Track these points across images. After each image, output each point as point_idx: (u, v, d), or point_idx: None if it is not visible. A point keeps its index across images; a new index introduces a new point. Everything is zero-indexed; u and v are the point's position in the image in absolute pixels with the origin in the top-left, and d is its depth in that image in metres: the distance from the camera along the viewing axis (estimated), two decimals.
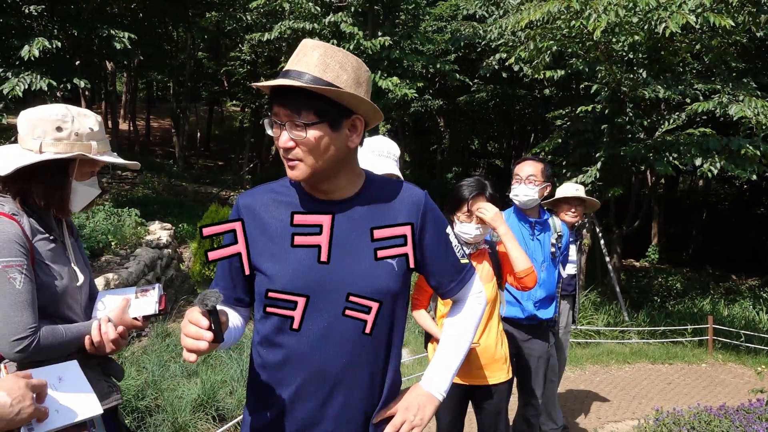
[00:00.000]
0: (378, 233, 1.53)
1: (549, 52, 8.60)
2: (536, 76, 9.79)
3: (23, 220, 1.82)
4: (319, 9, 11.34)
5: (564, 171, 10.23)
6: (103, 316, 1.90)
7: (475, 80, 15.03)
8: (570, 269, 4.63)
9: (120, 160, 2.00)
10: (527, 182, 3.47)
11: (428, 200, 1.63)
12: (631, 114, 9.59)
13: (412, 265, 1.58)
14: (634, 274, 17.13)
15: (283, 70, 1.46)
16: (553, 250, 3.57)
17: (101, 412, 1.55)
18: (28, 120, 1.85)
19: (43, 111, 1.87)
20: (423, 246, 1.60)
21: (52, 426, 1.42)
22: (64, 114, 1.87)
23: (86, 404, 1.53)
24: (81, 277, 1.96)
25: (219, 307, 1.64)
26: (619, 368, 7.09)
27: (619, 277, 11.78)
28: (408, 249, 1.56)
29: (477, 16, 13.58)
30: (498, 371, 2.90)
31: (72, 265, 1.95)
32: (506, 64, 10.45)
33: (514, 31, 10.06)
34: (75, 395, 1.51)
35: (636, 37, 8.04)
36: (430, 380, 1.65)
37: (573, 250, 4.65)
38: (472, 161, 24.87)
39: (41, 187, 1.85)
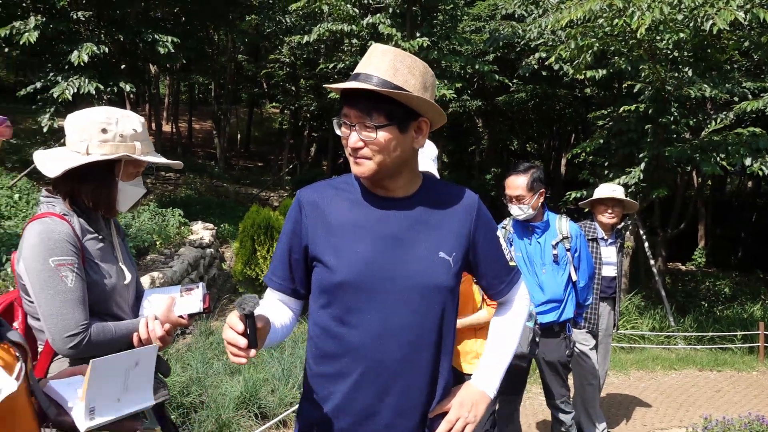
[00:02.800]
0: (435, 231, 1.59)
1: (591, 51, 8.45)
2: (577, 75, 9.64)
3: (73, 220, 1.87)
4: (357, 11, 11.39)
5: (606, 172, 10.06)
6: (150, 314, 1.94)
7: (514, 80, 14.88)
8: (609, 271, 4.54)
9: (163, 160, 2.04)
10: (516, 203, 3.42)
11: (481, 203, 1.68)
12: (676, 113, 9.35)
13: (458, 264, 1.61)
14: (679, 277, 16.71)
15: (354, 73, 1.52)
16: (555, 252, 3.51)
17: (153, 403, 1.58)
18: (75, 123, 1.90)
19: (89, 114, 1.92)
20: (476, 247, 1.65)
21: (115, 414, 1.45)
22: (109, 116, 1.92)
23: (145, 395, 1.56)
24: (128, 276, 2.01)
25: (271, 302, 1.68)
26: (665, 374, 6.92)
27: (664, 281, 11.50)
28: (463, 248, 1.61)
29: (516, 16, 13.42)
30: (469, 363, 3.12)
31: (120, 263, 2.00)
32: (546, 63, 10.30)
33: (554, 30, 9.94)
34: (140, 384, 1.54)
35: (681, 35, 7.84)
36: (482, 378, 1.68)
37: (612, 251, 4.56)
38: (510, 162, 24.65)
39: (89, 187, 1.91)
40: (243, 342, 1.30)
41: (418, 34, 11.35)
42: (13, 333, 1.24)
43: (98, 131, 1.89)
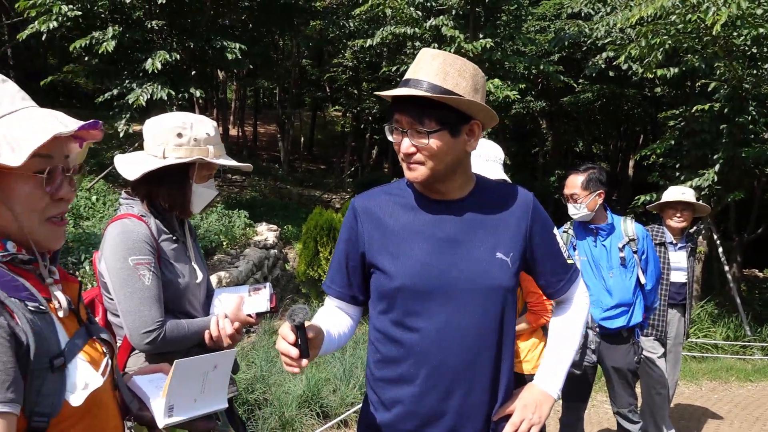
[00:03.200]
0: (491, 232, 1.58)
1: (662, 49, 8.14)
2: (647, 74, 9.31)
3: (150, 221, 1.95)
4: (420, 13, 11.40)
5: (678, 174, 9.67)
6: (220, 313, 2.01)
7: (580, 80, 14.53)
8: (679, 277, 4.38)
9: (235, 163, 2.12)
10: (571, 201, 3.39)
11: (536, 202, 1.67)
12: (754, 112, 8.89)
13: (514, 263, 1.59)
14: (757, 285, 15.85)
15: (404, 79, 1.52)
16: (622, 255, 3.40)
17: (226, 406, 1.63)
18: (152, 128, 2.00)
19: (165, 119, 2.01)
20: (533, 245, 1.63)
21: (191, 414, 1.50)
22: (184, 121, 2.00)
23: (219, 397, 1.61)
24: (200, 275, 2.09)
25: (330, 309, 1.70)
26: (740, 386, 6.59)
27: (740, 288, 10.94)
28: (520, 248, 1.60)
29: (582, 14, 13.10)
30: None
31: (192, 263, 2.08)
32: (614, 63, 10.00)
33: (623, 28, 9.64)
34: (215, 387, 1.59)
35: (761, 30, 7.45)
36: (545, 379, 1.66)
37: (682, 256, 4.39)
38: (576, 164, 24.06)
39: (166, 190, 1.99)
40: (295, 352, 1.33)
41: (481, 36, 11.24)
42: (102, 329, 1.30)
43: (174, 135, 1.97)
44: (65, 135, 1.10)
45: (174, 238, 2.02)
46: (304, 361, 1.35)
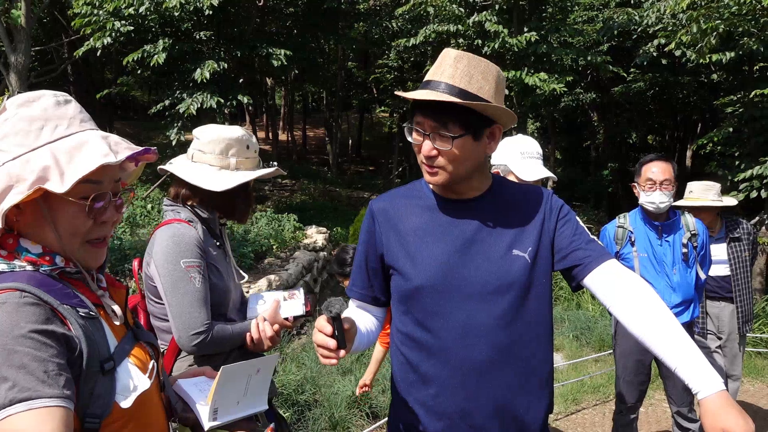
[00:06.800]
0: (508, 229, 1.55)
1: (715, 33, 7.83)
2: (701, 60, 8.96)
3: (198, 226, 2.01)
4: (463, 10, 11.32)
5: (737, 162, 9.28)
6: (259, 316, 2.05)
7: (631, 69, 14.13)
8: (720, 270, 4.21)
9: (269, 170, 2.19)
10: (662, 188, 3.22)
11: (551, 195, 1.63)
12: None
13: (531, 255, 1.55)
14: None
15: (426, 80, 1.49)
16: (685, 250, 3.28)
17: (267, 408, 1.66)
18: (221, 140, 2.01)
19: (231, 131, 2.04)
20: (553, 234, 1.58)
21: (233, 416, 1.54)
22: (245, 132, 2.06)
23: (261, 399, 1.65)
24: (238, 280, 2.15)
25: (354, 310, 1.72)
26: None
27: None
28: (539, 242, 1.55)
29: (631, 2, 12.76)
30: None
31: (232, 268, 2.13)
32: (666, 50, 9.68)
33: (674, 13, 9.32)
34: (257, 390, 1.63)
35: None
36: (703, 382, 1.36)
37: (722, 248, 4.23)
38: (630, 156, 23.37)
39: (238, 199, 2.06)
40: (332, 343, 1.34)
41: (525, 29, 11.08)
42: (148, 334, 1.35)
43: (244, 147, 2.04)
44: (113, 165, 1.13)
45: (218, 244, 2.07)
46: (342, 352, 1.35)
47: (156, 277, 1.93)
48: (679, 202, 4.10)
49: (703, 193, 4.12)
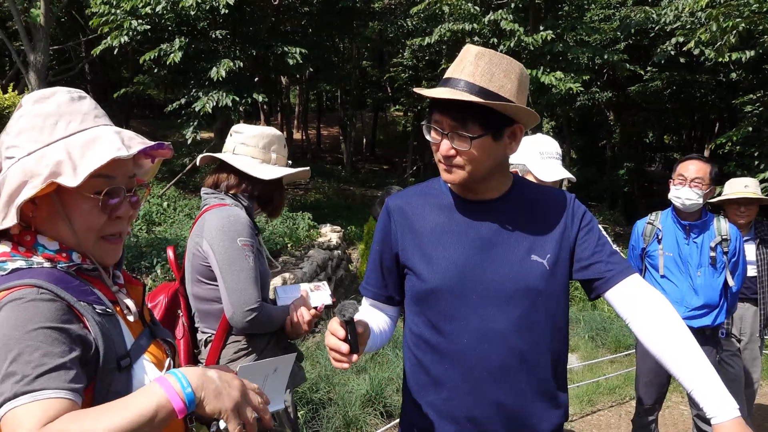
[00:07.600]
0: (527, 233, 1.50)
1: (735, 31, 7.73)
2: (720, 59, 8.86)
3: (243, 212, 2.08)
4: (478, 9, 11.27)
5: (756, 163, 9.18)
6: (293, 304, 2.09)
7: (648, 68, 13.99)
8: (749, 271, 4.15)
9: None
10: (692, 185, 3.18)
11: (575, 200, 1.58)
12: None
13: (550, 261, 1.51)
14: None
15: (446, 77, 1.45)
16: (713, 254, 3.23)
17: (283, 407, 1.66)
18: (265, 135, 2.15)
19: (271, 130, 2.20)
20: (575, 246, 1.53)
21: None
22: (279, 131, 2.22)
23: (277, 399, 1.64)
24: (269, 268, 2.20)
25: (367, 308, 1.70)
26: None
27: None
28: (560, 248, 1.51)
29: (649, 0, 12.63)
30: None
31: (264, 257, 2.16)
32: (684, 48, 9.58)
33: (693, 11, 9.23)
34: (275, 389, 1.62)
35: None
36: (718, 408, 1.39)
37: (751, 249, 4.16)
38: (646, 156, 23.14)
39: (277, 192, 2.19)
40: (345, 347, 1.31)
41: (541, 28, 11.01)
42: (164, 331, 1.35)
43: (282, 145, 2.22)
44: (125, 158, 1.13)
45: (256, 232, 2.13)
46: (354, 357, 1.32)
47: (210, 255, 1.98)
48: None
49: (742, 190, 4.05)
